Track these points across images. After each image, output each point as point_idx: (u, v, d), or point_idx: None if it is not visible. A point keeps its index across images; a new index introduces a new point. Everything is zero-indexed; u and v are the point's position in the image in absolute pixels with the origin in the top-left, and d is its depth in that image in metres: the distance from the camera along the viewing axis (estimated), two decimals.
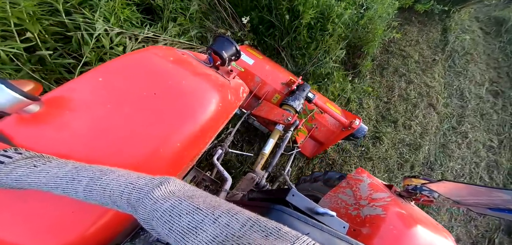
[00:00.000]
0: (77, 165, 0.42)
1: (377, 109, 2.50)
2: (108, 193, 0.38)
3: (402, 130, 2.47)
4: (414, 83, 2.87)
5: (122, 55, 0.59)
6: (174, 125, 0.58)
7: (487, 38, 3.89)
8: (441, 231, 0.89)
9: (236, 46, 0.77)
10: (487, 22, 4.10)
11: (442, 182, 0.82)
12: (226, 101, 0.74)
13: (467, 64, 3.40)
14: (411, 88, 2.80)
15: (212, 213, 0.31)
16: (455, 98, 3.01)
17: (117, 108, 0.50)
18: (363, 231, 0.85)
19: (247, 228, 0.29)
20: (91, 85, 0.50)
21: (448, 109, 2.86)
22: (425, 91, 2.86)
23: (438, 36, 3.49)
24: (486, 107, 3.09)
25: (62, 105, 0.47)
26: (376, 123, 2.40)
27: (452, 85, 3.11)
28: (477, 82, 3.27)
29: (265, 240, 0.27)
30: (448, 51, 3.38)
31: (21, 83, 0.40)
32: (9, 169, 0.40)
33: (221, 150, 1.15)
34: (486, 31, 3.98)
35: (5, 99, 0.38)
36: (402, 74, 2.88)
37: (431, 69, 3.08)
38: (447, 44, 3.43)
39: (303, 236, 0.29)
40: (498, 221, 2.40)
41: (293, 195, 0.53)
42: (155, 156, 0.54)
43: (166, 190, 0.36)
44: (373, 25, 2.07)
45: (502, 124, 3.01)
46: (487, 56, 3.66)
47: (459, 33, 3.62)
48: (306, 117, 1.55)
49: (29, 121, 0.44)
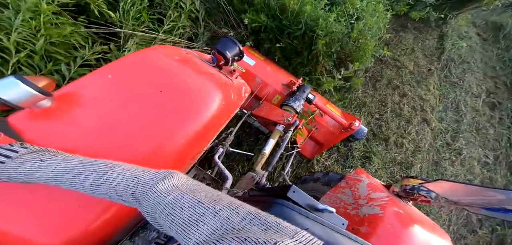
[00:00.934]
0: (83, 160, 0.43)
1: (368, 126, 2.35)
2: (114, 186, 0.39)
3: (393, 148, 2.33)
4: (408, 96, 2.73)
5: (130, 53, 0.60)
6: (179, 122, 0.59)
7: (484, 45, 3.77)
8: (438, 231, 0.91)
9: (239, 47, 0.79)
10: (485, 27, 3.99)
11: (439, 182, 0.84)
12: (229, 100, 0.76)
13: (463, 73, 3.27)
14: (404, 102, 2.66)
15: (213, 206, 0.32)
16: (451, 112, 2.87)
17: (124, 105, 0.51)
18: (362, 230, 0.87)
19: (247, 222, 0.30)
20: (101, 82, 0.51)
21: (443, 124, 2.72)
22: (419, 105, 2.73)
23: (434, 43, 3.38)
24: (482, 120, 2.94)
25: (72, 100, 0.48)
26: (366, 142, 2.24)
27: (448, 97, 2.98)
28: (473, 93, 3.14)
29: (264, 234, 0.28)
30: (444, 60, 3.26)
31: (35, 79, 0.42)
32: (16, 164, 0.41)
33: (222, 148, 1.16)
34: (484, 37, 3.86)
35: (21, 94, 0.39)
36: (396, 87, 2.75)
37: (426, 80, 2.95)
38: (443, 52, 3.32)
39: (302, 231, 0.29)
40: None
41: (294, 192, 0.55)
42: (160, 152, 0.56)
43: (170, 184, 0.37)
44: (363, 39, 1.90)
45: (499, 139, 2.87)
46: (485, 64, 3.55)
47: (456, 40, 3.49)
48: (306, 118, 1.57)
49: (41, 116, 0.46)
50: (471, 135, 2.78)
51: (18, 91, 0.38)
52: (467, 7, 3.34)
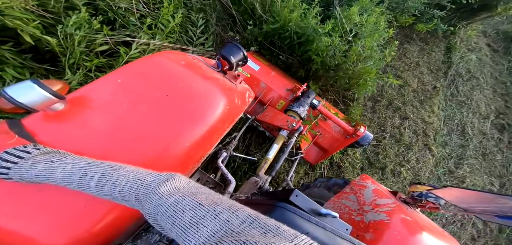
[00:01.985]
0: (90, 161, 0.45)
1: (364, 154, 2.19)
2: (118, 188, 0.40)
3: (390, 177, 2.16)
4: (409, 119, 2.49)
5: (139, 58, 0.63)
6: (184, 125, 0.61)
7: (495, 57, 3.50)
8: (447, 238, 0.88)
9: (243, 52, 0.81)
10: (495, 37, 3.70)
11: (448, 189, 0.82)
12: (233, 104, 0.77)
13: (471, 91, 3.01)
14: (405, 126, 2.44)
15: (214, 209, 0.32)
16: (456, 135, 2.65)
17: (133, 108, 0.53)
18: (367, 236, 0.85)
19: (246, 225, 0.30)
20: (111, 86, 0.54)
21: (447, 149, 2.51)
22: (422, 129, 2.49)
23: (441, 56, 3.10)
24: (489, 145, 2.71)
25: (83, 104, 0.51)
26: (361, 171, 2.10)
27: (453, 119, 2.73)
28: (481, 114, 2.90)
29: (263, 238, 0.28)
30: (451, 75, 3.00)
31: (50, 82, 0.44)
32: (29, 164, 0.43)
33: (225, 153, 1.17)
34: (494, 48, 3.59)
35: (37, 98, 0.41)
36: (397, 108, 2.51)
37: (431, 100, 2.71)
38: (451, 66, 3.06)
39: (302, 235, 0.29)
40: None
41: (297, 196, 0.55)
42: (166, 154, 0.57)
43: (171, 186, 0.38)
44: (362, 64, 1.64)
45: (506, 164, 2.64)
46: (495, 79, 3.28)
47: (465, 52, 3.24)
48: (309, 124, 1.56)
49: (54, 118, 0.48)
50: (476, 161, 2.56)
51: (34, 95, 0.41)
52: (478, 16, 3.05)
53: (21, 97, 0.40)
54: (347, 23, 1.61)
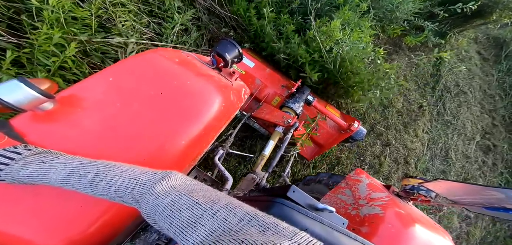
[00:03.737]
0: (83, 161, 0.43)
1: None
2: (113, 188, 0.39)
3: None
4: (391, 146, 2.32)
5: (131, 56, 0.61)
6: (179, 124, 0.60)
7: (484, 67, 3.40)
8: (439, 231, 0.91)
9: (239, 49, 0.80)
10: (486, 43, 3.60)
11: (438, 181, 0.85)
12: (229, 101, 0.76)
13: (459, 108, 2.88)
14: (386, 154, 2.28)
15: (211, 207, 0.32)
16: (438, 160, 2.55)
17: (125, 107, 0.52)
18: (362, 230, 0.87)
19: (244, 223, 0.30)
20: (102, 84, 0.52)
21: (428, 176, 2.40)
22: (403, 157, 2.35)
23: (429, 68, 2.94)
24: (472, 169, 2.61)
25: (74, 103, 0.49)
26: None
27: (437, 143, 2.61)
28: (467, 135, 2.79)
29: (262, 236, 0.27)
30: (439, 91, 2.84)
31: (38, 81, 0.42)
32: (20, 166, 0.42)
33: (222, 150, 1.16)
34: (484, 56, 3.49)
35: (24, 97, 0.40)
36: (379, 134, 2.33)
37: (415, 123, 2.57)
38: (439, 80, 2.91)
39: (301, 232, 0.29)
40: None
41: (294, 191, 0.55)
42: (161, 153, 0.56)
43: (167, 185, 0.37)
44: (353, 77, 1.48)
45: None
46: (483, 93, 3.17)
47: (455, 63, 3.10)
48: (309, 127, 1.56)
49: (43, 118, 0.46)
50: None
51: (21, 94, 0.39)
52: (471, 23, 2.86)
53: (7, 97, 0.39)
54: (327, 41, 1.40)
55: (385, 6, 1.73)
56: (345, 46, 1.39)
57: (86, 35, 1.14)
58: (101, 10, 1.22)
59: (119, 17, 1.30)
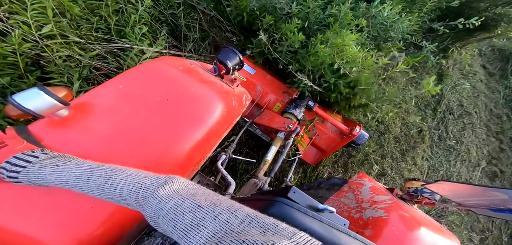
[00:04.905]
0: (92, 165, 0.46)
1: None
2: (118, 191, 0.41)
3: None
4: (386, 176, 2.12)
5: (139, 64, 0.65)
6: (184, 129, 0.63)
7: (490, 83, 3.13)
8: (445, 233, 0.89)
9: (240, 56, 0.84)
10: (491, 55, 3.33)
11: (441, 183, 0.84)
12: (230, 107, 0.79)
13: (462, 132, 2.60)
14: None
15: (213, 210, 0.33)
16: None
17: (134, 113, 0.55)
18: (366, 233, 0.86)
19: (245, 224, 0.30)
20: (113, 92, 0.56)
21: (426, 207, 2.05)
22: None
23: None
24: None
25: (87, 110, 0.52)
26: None
27: (438, 171, 2.36)
28: (471, 162, 2.53)
29: (263, 236, 0.28)
30: (440, 113, 2.58)
31: (55, 89, 0.46)
32: (36, 169, 0.45)
33: (225, 155, 1.18)
34: (490, 71, 3.22)
35: (43, 104, 0.43)
36: (373, 163, 2.12)
37: (414, 150, 2.34)
38: (441, 100, 2.65)
39: (301, 232, 0.30)
40: None
41: (295, 192, 0.56)
42: (166, 157, 0.59)
43: (170, 189, 0.38)
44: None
45: (492, 218, 2.29)
46: (489, 113, 2.90)
47: (458, 79, 2.84)
48: (306, 127, 1.58)
49: (59, 124, 0.50)
50: (458, 217, 2.22)
51: (41, 101, 0.43)
52: (475, 37, 2.62)
53: (28, 104, 0.42)
54: (336, 56, 1.31)
55: (378, 24, 1.63)
56: (355, 64, 1.34)
57: (9, 80, 0.92)
58: (27, 44, 0.95)
59: (57, 52, 1.03)
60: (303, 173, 1.94)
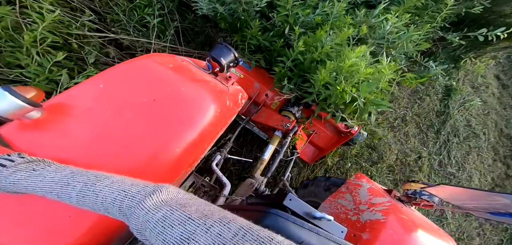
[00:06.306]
0: (74, 170, 0.42)
1: None
2: (100, 199, 0.38)
3: None
4: None
5: (122, 62, 0.60)
6: (173, 131, 0.59)
7: (503, 97, 2.81)
8: (443, 236, 0.88)
9: (234, 53, 0.79)
10: (506, 64, 2.98)
11: (441, 186, 0.83)
12: (225, 107, 0.75)
13: (466, 156, 2.30)
14: None
15: (204, 222, 0.31)
16: (431, 219, 2.00)
17: (117, 114, 0.51)
18: (363, 236, 0.84)
19: (239, 238, 0.29)
20: (92, 92, 0.51)
21: None
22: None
23: (436, 103, 2.35)
24: (470, 228, 2.10)
25: (63, 111, 0.48)
26: None
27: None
28: None
29: None
30: (444, 135, 2.27)
31: (24, 89, 0.41)
32: (9, 173, 0.41)
33: (220, 155, 1.15)
34: (504, 82, 2.89)
35: (8, 106, 0.39)
36: None
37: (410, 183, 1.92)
38: (447, 120, 2.31)
39: None
40: None
41: (291, 200, 0.54)
42: (154, 162, 0.55)
43: (158, 199, 0.36)
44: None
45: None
46: (499, 133, 2.59)
47: (468, 94, 2.51)
48: (304, 123, 1.55)
49: (30, 127, 0.45)
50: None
51: (6, 103, 0.38)
52: (493, 46, 2.18)
53: None
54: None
55: (378, 39, 1.32)
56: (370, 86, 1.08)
57: None
58: None
59: None
60: (299, 171, 1.92)
